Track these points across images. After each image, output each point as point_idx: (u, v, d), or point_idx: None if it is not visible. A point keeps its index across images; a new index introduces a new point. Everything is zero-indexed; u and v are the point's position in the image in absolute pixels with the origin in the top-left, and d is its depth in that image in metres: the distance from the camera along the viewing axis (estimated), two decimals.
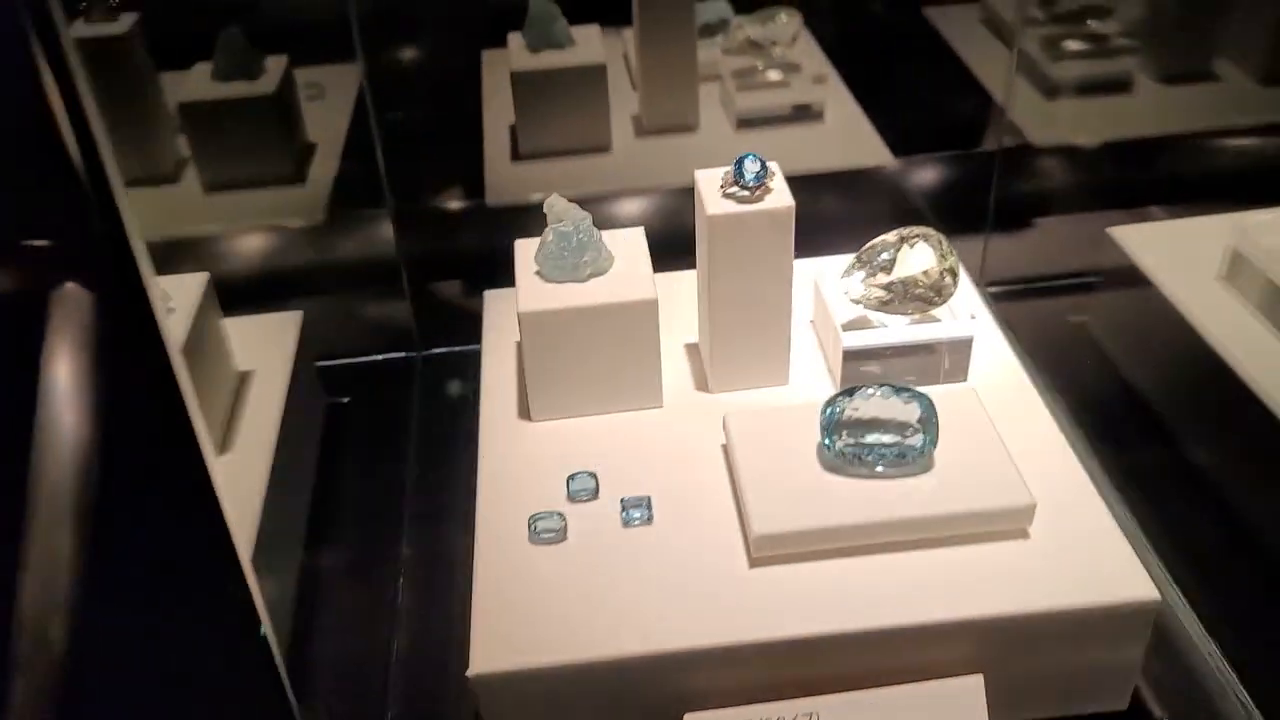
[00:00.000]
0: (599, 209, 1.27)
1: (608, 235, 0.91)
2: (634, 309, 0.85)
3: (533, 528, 0.80)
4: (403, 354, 1.19)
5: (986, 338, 0.98)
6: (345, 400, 1.13)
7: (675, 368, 0.95)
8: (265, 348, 1.00)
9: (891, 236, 0.90)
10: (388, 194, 1.16)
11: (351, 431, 1.09)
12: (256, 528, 0.83)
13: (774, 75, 1.31)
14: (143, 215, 1.21)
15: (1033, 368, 1.10)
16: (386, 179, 1.20)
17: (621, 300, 0.85)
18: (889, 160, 1.25)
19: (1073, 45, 1.33)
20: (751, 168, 0.82)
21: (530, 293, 0.86)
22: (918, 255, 0.88)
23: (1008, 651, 0.75)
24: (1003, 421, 0.87)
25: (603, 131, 1.26)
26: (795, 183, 1.35)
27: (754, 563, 0.77)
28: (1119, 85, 1.33)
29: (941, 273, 0.88)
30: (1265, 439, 0.89)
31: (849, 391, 0.80)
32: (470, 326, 1.03)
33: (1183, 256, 1.05)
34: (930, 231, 0.90)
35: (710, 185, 0.85)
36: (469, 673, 0.72)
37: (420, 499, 0.99)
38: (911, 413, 0.79)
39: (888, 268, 0.88)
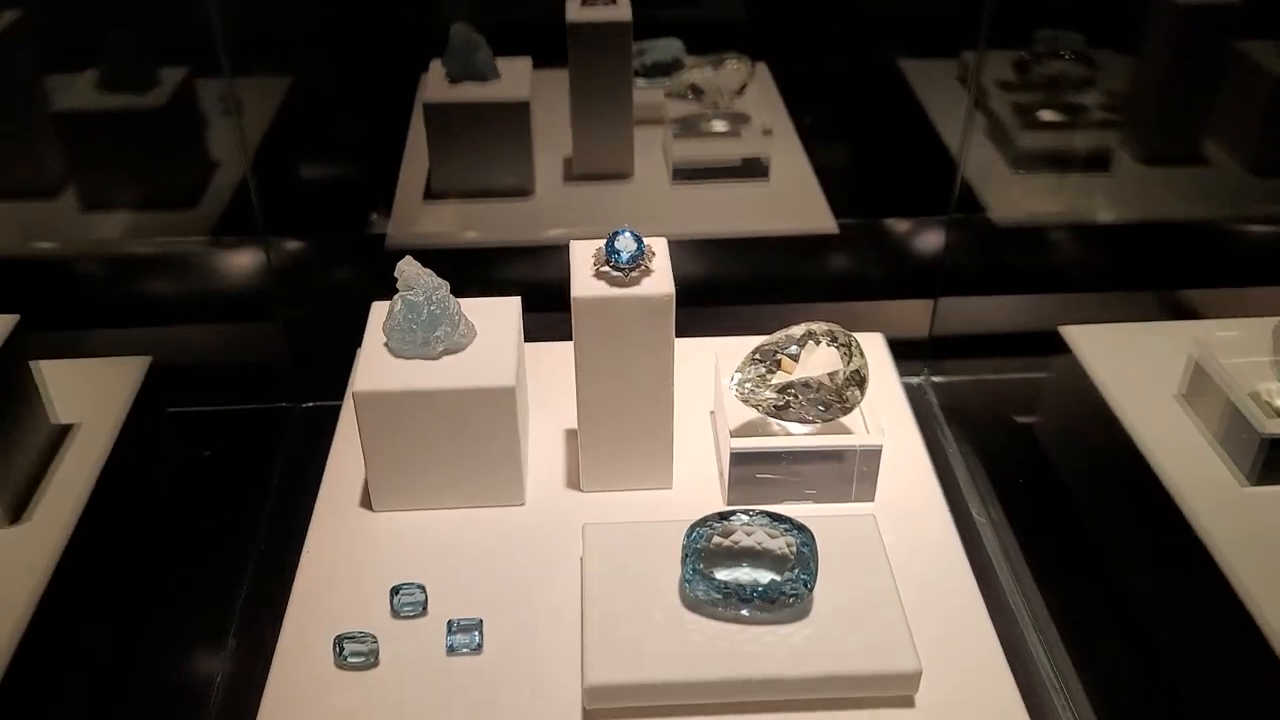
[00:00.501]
0: (514, 260, 1.17)
1: (476, 305, 0.80)
2: (488, 396, 0.74)
3: (339, 650, 0.68)
4: (278, 404, 1.08)
5: (907, 445, 0.87)
6: (206, 454, 1.02)
7: (550, 456, 0.84)
8: (99, 397, 0.89)
9: (796, 330, 0.78)
10: (260, 224, 1.06)
11: (204, 492, 0.98)
12: (34, 606, 0.72)
13: (719, 125, 1.20)
14: (10, 230, 1.10)
15: (969, 477, 0.99)
16: (276, 208, 1.09)
17: (473, 385, 0.74)
18: (831, 226, 1.13)
19: (1047, 115, 1.22)
20: (625, 246, 0.71)
21: (370, 368, 0.75)
22: (823, 355, 0.77)
23: None
24: (906, 553, 0.75)
25: (524, 174, 1.15)
26: (728, 245, 1.25)
27: (588, 716, 0.66)
28: (1096, 162, 1.22)
29: (847, 378, 0.76)
30: (1211, 594, 0.77)
31: (722, 515, 0.69)
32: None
33: (1139, 367, 0.93)
34: (839, 330, 0.78)
35: (583, 260, 0.74)
36: None
37: (261, 584, 0.88)
38: (787, 546, 0.67)
39: (788, 368, 0.77)
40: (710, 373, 0.89)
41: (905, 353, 1.09)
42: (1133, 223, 1.19)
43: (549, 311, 0.90)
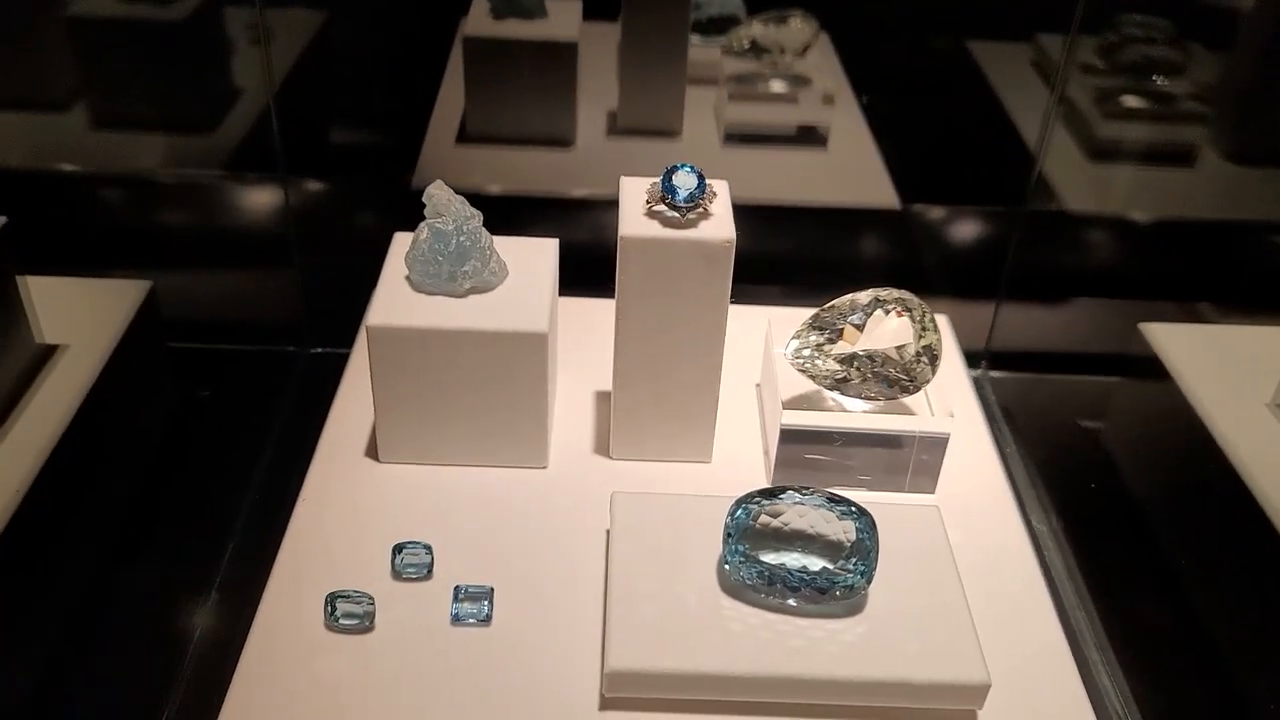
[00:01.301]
0: (548, 213, 1.09)
1: (510, 243, 0.72)
2: (517, 342, 0.66)
3: (330, 610, 0.61)
4: (287, 348, 1.00)
5: (971, 438, 0.79)
6: (205, 394, 0.95)
7: (577, 419, 0.76)
8: (91, 319, 0.82)
9: (863, 297, 0.70)
10: (281, 161, 0.98)
11: (200, 434, 0.91)
12: None
13: (777, 86, 1.12)
14: (15, 142, 1.02)
15: (1029, 482, 0.91)
16: (299, 145, 1.02)
17: (500, 329, 0.66)
18: (894, 203, 1.05)
19: (1131, 102, 1.13)
20: (684, 182, 0.63)
21: (389, 301, 0.67)
22: (891, 326, 0.69)
23: None
24: (972, 554, 0.67)
25: (566, 122, 1.07)
26: (774, 212, 1.17)
27: (605, 704, 0.58)
28: (1179, 156, 1.14)
29: (918, 353, 0.68)
30: None
31: (771, 492, 0.61)
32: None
33: (1228, 371, 0.85)
34: (912, 298, 0.70)
35: (635, 197, 0.66)
36: None
37: (253, 534, 0.80)
38: (843, 532, 0.59)
39: (852, 337, 0.69)
40: (758, 343, 0.81)
41: (965, 344, 1.01)
42: (1218, 222, 1.11)
43: (582, 268, 0.83)
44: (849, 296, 0.71)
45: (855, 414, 0.71)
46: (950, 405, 0.73)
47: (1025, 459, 0.94)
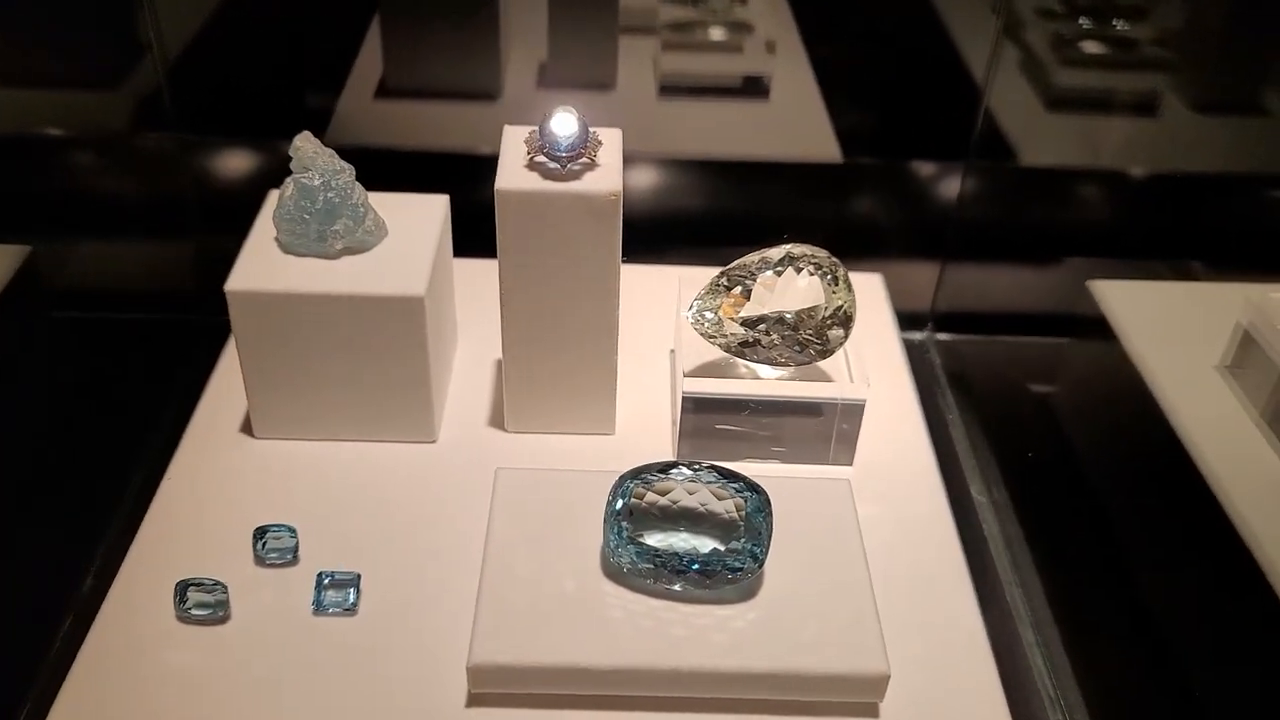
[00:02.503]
0: (471, 169, 1.03)
1: (393, 200, 0.67)
2: (393, 306, 0.61)
3: (180, 598, 0.56)
4: (185, 317, 0.95)
5: (899, 406, 0.74)
6: (94, 367, 0.89)
7: (476, 390, 0.71)
8: None
9: (774, 253, 0.65)
10: (174, 118, 0.92)
11: (89, 408, 0.86)
12: None
13: (716, 34, 1.06)
14: None
15: (970, 451, 0.86)
16: (200, 101, 0.96)
17: (373, 292, 0.61)
18: (835, 156, 1.00)
19: (1091, 48, 1.07)
20: (561, 130, 0.57)
21: (251, 264, 0.62)
22: (801, 286, 0.64)
23: None
24: (888, 530, 0.63)
25: (490, 74, 1.01)
26: (717, 169, 1.11)
27: (473, 700, 0.53)
28: (1141, 106, 1.08)
29: (829, 315, 0.63)
30: (1246, 599, 0.64)
31: (659, 467, 0.56)
32: None
33: (1178, 331, 0.80)
34: (825, 255, 0.65)
35: (515, 147, 0.61)
36: None
37: (137, 519, 0.75)
38: (733, 509, 0.54)
39: (762, 298, 0.64)
40: (674, 305, 0.76)
41: (908, 306, 0.96)
42: (1179, 175, 1.05)
43: None
44: (759, 253, 0.66)
45: (767, 381, 0.66)
46: (871, 371, 0.68)
47: (969, 426, 0.89)
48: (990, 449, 0.87)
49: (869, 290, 0.82)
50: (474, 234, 0.79)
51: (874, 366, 0.73)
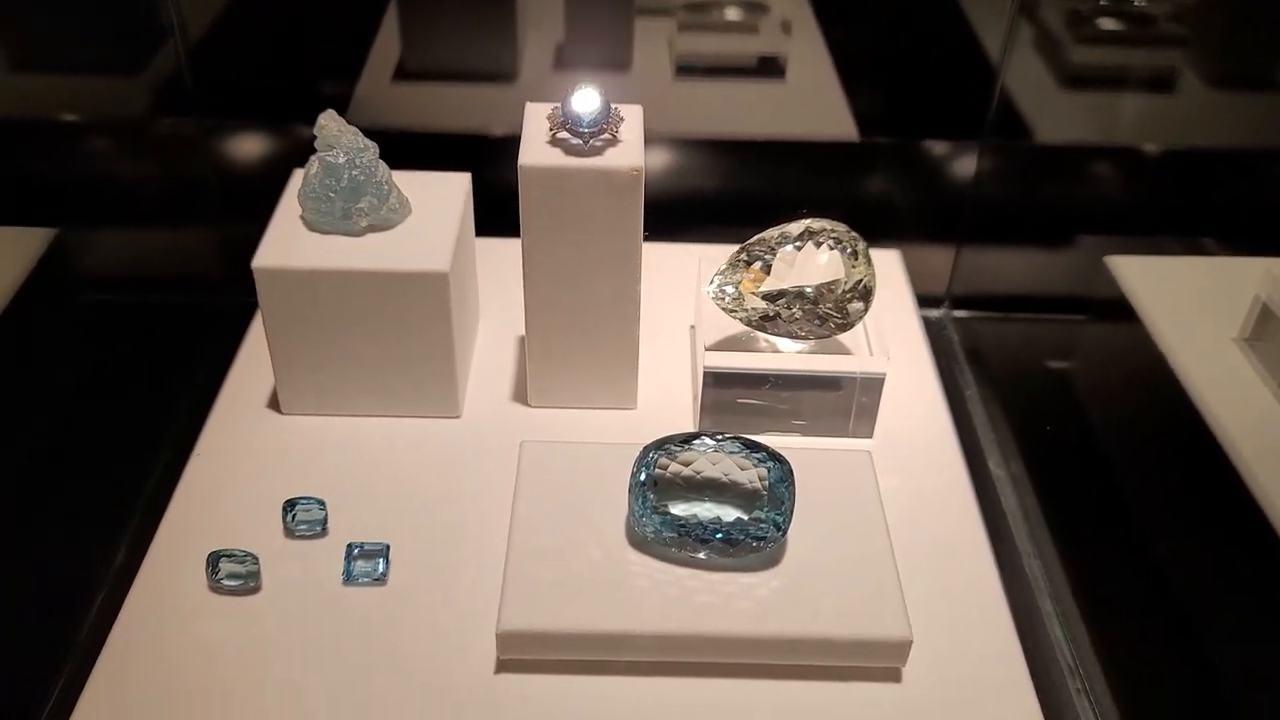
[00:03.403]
0: (489, 151, 1.04)
1: (417, 179, 0.67)
2: (416, 282, 0.62)
3: (213, 569, 0.57)
4: (209, 300, 0.96)
5: (918, 380, 0.74)
6: (121, 348, 0.90)
7: (499, 366, 0.72)
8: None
9: (794, 228, 0.66)
10: (195, 104, 0.93)
11: (117, 388, 0.86)
12: None
13: (732, 14, 1.06)
14: None
15: (989, 426, 0.86)
16: (221, 86, 0.97)
17: (398, 269, 0.61)
18: (852, 135, 1.00)
19: (1107, 24, 1.07)
20: (584, 107, 0.58)
21: (278, 241, 0.63)
22: (822, 261, 0.64)
23: None
24: (907, 501, 0.63)
25: (508, 56, 1.02)
26: (726, 147, 1.11)
27: (501, 667, 0.54)
28: (1158, 83, 1.08)
29: (849, 289, 0.64)
30: (1265, 572, 0.65)
31: (682, 439, 0.57)
32: None
33: (1196, 305, 0.80)
34: (844, 230, 0.66)
35: (538, 124, 0.61)
36: None
37: (164, 496, 0.76)
38: (755, 479, 0.55)
39: (782, 272, 0.65)
40: (693, 282, 0.76)
41: (925, 284, 0.96)
42: (1196, 151, 1.05)
43: None
44: (779, 228, 0.66)
45: (787, 355, 0.66)
46: (890, 345, 0.68)
47: (987, 402, 0.89)
48: (1008, 424, 0.87)
49: (887, 266, 0.83)
50: (492, 214, 0.80)
51: (893, 341, 0.74)
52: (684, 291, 0.77)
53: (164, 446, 0.78)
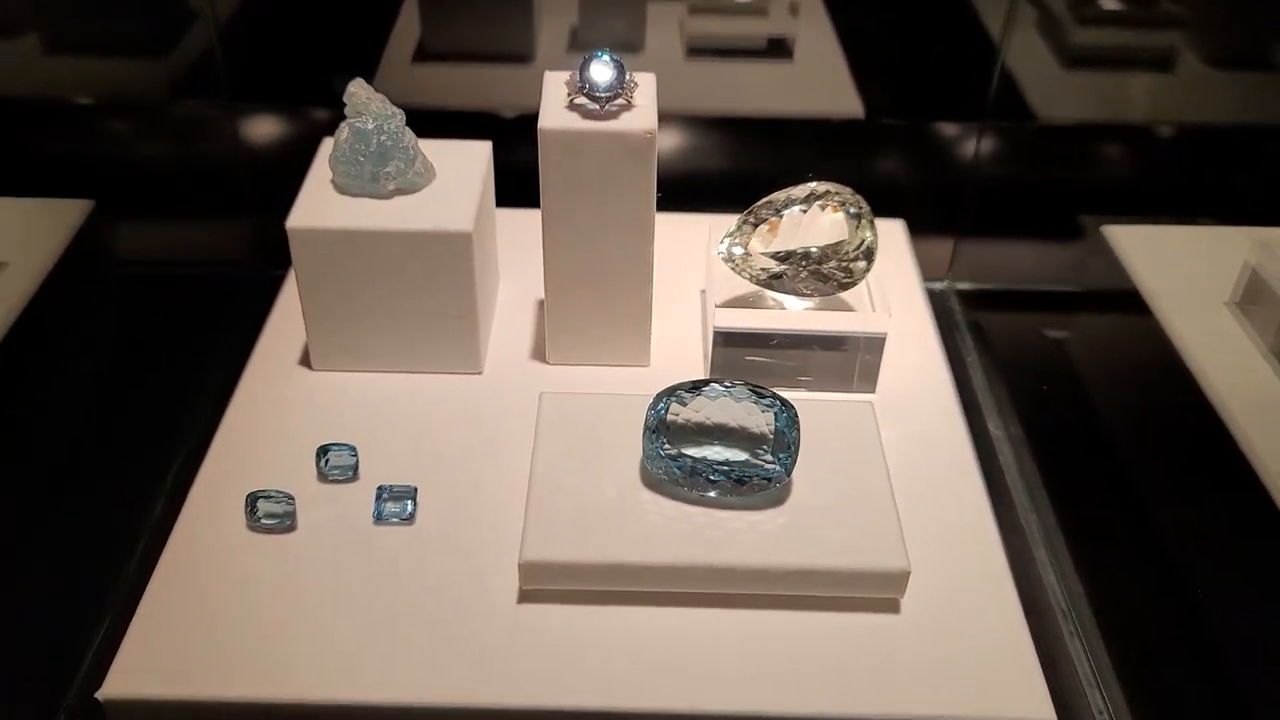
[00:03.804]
0: (507, 130, 1.07)
1: (441, 146, 0.71)
2: (441, 242, 0.65)
3: (251, 510, 0.60)
4: (241, 271, 1.00)
5: (920, 342, 0.77)
6: (155, 316, 0.94)
7: (517, 327, 0.75)
8: (31, 238, 0.82)
9: (799, 191, 0.69)
10: (224, 84, 0.97)
11: (154, 351, 0.90)
12: None
13: None
14: None
15: (988, 389, 0.89)
16: (248, 67, 1.00)
17: (423, 228, 0.65)
18: (858, 113, 1.03)
19: (1109, 4, 1.10)
20: (601, 73, 0.61)
21: (310, 203, 0.66)
22: (826, 223, 0.68)
23: None
24: (907, 450, 0.67)
25: (524, 38, 1.05)
26: (743, 125, 1.15)
27: (524, 597, 0.57)
28: (1158, 63, 1.11)
29: (854, 250, 0.67)
30: (1251, 521, 0.68)
31: (692, 386, 0.60)
32: None
33: (1189, 272, 0.83)
34: (849, 194, 0.69)
35: (556, 90, 0.65)
36: (98, 694, 0.53)
37: (202, 450, 0.80)
38: (762, 423, 0.58)
39: (787, 232, 0.68)
40: (705, 250, 0.79)
41: (929, 257, 0.99)
42: (1194, 128, 1.08)
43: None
44: (785, 191, 0.69)
45: (790, 314, 0.70)
46: (892, 307, 0.71)
47: (987, 368, 0.92)
48: (1007, 388, 0.90)
49: (891, 235, 0.86)
50: (509, 188, 0.83)
51: (896, 305, 0.77)
52: (696, 258, 0.80)
53: (202, 403, 0.82)
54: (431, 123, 0.78)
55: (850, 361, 0.70)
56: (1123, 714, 0.67)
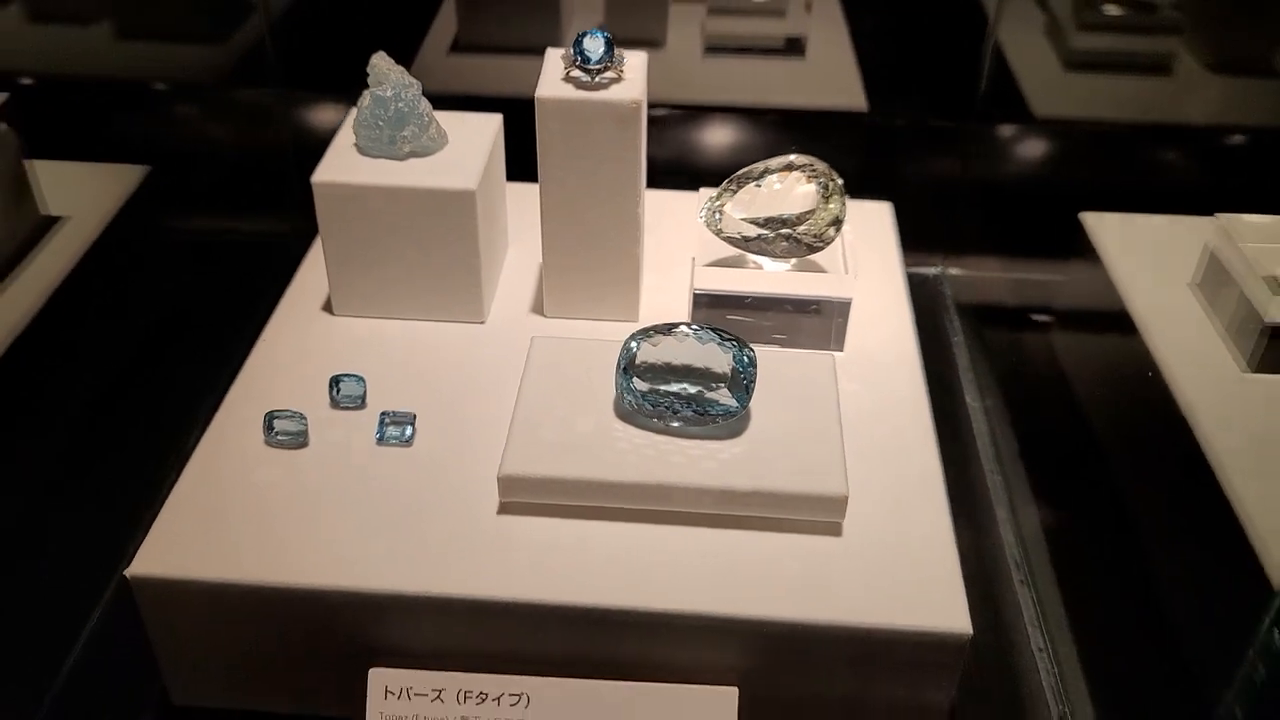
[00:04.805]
0: (529, 113, 1.15)
1: (454, 117, 0.78)
2: (448, 199, 0.72)
3: (269, 427, 0.68)
4: (285, 238, 1.08)
5: (893, 313, 0.83)
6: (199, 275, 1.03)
7: (522, 285, 0.82)
8: (92, 196, 0.91)
9: (775, 162, 0.75)
10: (275, 71, 1.06)
11: (202, 302, 0.99)
12: None
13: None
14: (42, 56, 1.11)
15: (967, 368, 0.95)
16: (298, 55, 1.09)
17: (431, 186, 0.72)
18: (862, 106, 1.09)
19: (1112, 10, 1.15)
20: (593, 47, 0.68)
21: (334, 162, 0.74)
22: (800, 192, 0.74)
23: (775, 666, 0.61)
24: (867, 401, 0.72)
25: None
26: (746, 115, 1.21)
27: (502, 509, 0.64)
28: (1156, 67, 1.16)
29: (823, 218, 0.73)
30: (1196, 482, 0.73)
31: (664, 328, 0.67)
32: None
33: (1157, 255, 0.88)
34: (822, 166, 0.75)
35: (554, 64, 0.72)
36: (126, 571, 0.61)
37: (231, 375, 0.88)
38: (722, 363, 0.65)
39: (764, 200, 0.74)
40: (684, 220, 0.86)
41: (924, 242, 1.05)
42: (1190, 128, 1.13)
43: None
44: (764, 163, 0.76)
45: (764, 276, 0.76)
46: (872, 282, 0.78)
47: (971, 347, 0.98)
48: (988, 366, 0.96)
49: (878, 216, 0.91)
50: (528, 167, 0.90)
51: (875, 279, 0.83)
52: (693, 230, 0.87)
53: (238, 343, 0.91)
54: (464, 107, 0.86)
55: (819, 323, 0.76)
56: (1063, 652, 0.73)
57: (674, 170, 0.82)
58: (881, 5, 1.23)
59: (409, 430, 0.68)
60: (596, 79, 0.69)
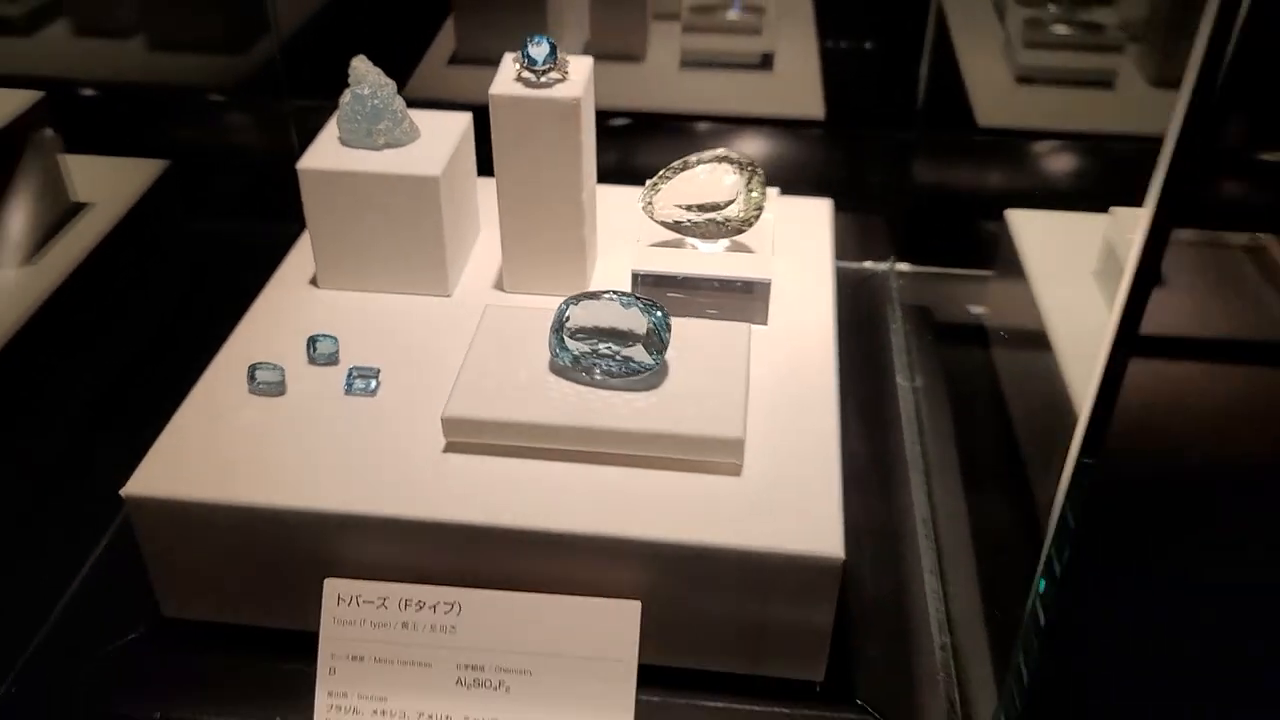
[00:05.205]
0: None
1: (428, 114, 0.89)
2: (414, 184, 0.83)
3: (251, 376, 0.78)
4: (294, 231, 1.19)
5: (818, 299, 0.91)
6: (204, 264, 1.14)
7: (486, 263, 0.92)
8: (117, 185, 1.02)
9: (708, 155, 0.85)
10: (284, 82, 1.17)
11: (213, 283, 1.10)
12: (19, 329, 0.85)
13: (732, 15, 1.26)
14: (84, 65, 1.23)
15: (901, 352, 1.03)
16: (307, 66, 1.20)
17: (400, 172, 0.83)
18: (820, 115, 1.19)
19: (1060, 30, 1.23)
20: (538, 51, 0.78)
21: (318, 151, 0.85)
22: (727, 181, 0.83)
23: (676, 585, 0.70)
24: (781, 368, 0.81)
25: None
26: (718, 123, 1.30)
27: (447, 447, 0.74)
28: (1100, 83, 1.24)
29: (745, 204, 0.83)
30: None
31: (593, 295, 0.77)
32: None
33: (1066, 248, 0.96)
34: (746, 161, 0.84)
35: (508, 66, 0.82)
36: (122, 490, 0.72)
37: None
38: (638, 325, 0.74)
39: (694, 188, 0.84)
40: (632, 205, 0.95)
41: (875, 242, 1.14)
42: (1131, 137, 1.20)
43: None
44: (696, 154, 0.85)
45: (693, 257, 0.85)
46: (805, 269, 0.88)
47: (908, 335, 1.06)
48: (920, 351, 1.04)
49: (818, 211, 1.00)
50: None
51: (806, 269, 0.92)
52: (643, 219, 0.97)
53: (234, 312, 1.01)
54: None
55: (746, 300, 0.86)
56: (954, 593, 0.81)
57: (651, 171, 0.92)
58: (851, 25, 1.32)
59: (374, 383, 0.78)
60: (542, 79, 0.79)
